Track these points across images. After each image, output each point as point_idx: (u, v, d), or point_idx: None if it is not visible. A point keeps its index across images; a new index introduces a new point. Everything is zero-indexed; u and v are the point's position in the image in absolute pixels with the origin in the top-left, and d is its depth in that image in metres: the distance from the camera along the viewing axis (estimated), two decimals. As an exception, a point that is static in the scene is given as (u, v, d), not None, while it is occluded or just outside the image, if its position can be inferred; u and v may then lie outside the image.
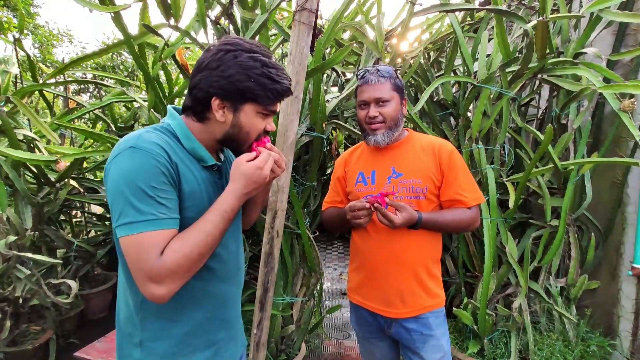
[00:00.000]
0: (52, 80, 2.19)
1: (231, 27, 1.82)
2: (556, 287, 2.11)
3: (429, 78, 2.33)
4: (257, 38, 1.62)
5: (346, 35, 2.61)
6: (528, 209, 2.36)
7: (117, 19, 1.61)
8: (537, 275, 2.17)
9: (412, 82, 2.43)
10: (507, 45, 1.71)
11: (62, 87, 2.39)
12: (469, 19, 2.28)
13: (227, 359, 1.01)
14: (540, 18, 1.49)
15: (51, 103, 2.68)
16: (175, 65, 1.87)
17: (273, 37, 2.20)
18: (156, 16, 2.03)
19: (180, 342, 0.90)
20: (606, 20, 1.85)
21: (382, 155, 1.41)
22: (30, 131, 2.10)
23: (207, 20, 1.77)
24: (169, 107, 0.96)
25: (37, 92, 2.52)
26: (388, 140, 1.36)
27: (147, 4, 1.68)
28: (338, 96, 2.02)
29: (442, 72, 2.38)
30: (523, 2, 2.14)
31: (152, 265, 0.72)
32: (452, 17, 1.80)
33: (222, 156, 1.02)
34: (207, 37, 1.79)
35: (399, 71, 2.44)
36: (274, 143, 1.51)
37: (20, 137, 2.14)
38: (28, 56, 2.27)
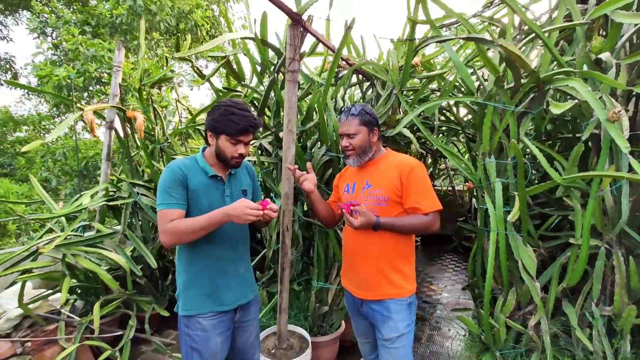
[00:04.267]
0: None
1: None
2: (601, 315, 1.87)
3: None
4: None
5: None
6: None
7: (210, 85, 2.54)
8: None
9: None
10: (491, 63, 1.76)
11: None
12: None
13: (224, 301, 1.61)
14: (501, 41, 1.57)
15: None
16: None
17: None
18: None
19: (193, 277, 1.58)
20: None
21: (362, 171, 1.80)
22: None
23: (265, 78, 2.53)
24: (202, 147, 1.71)
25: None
26: (358, 164, 1.75)
27: (229, 74, 2.56)
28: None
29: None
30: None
31: (163, 226, 1.44)
32: (447, 45, 1.96)
33: (230, 171, 1.66)
34: (264, 88, 2.54)
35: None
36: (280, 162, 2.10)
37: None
38: (189, 110, 3.61)
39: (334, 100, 2.54)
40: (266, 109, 2.51)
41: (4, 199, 6.59)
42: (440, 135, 4.01)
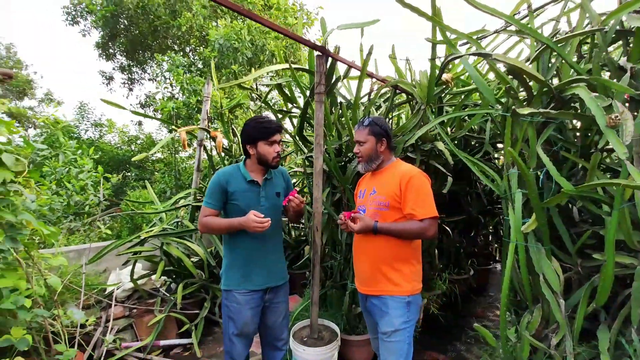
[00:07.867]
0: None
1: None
2: (642, 343, 1.66)
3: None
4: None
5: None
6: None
7: (268, 106, 3.04)
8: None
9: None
10: (500, 75, 1.78)
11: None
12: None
13: (255, 282, 1.99)
14: (497, 54, 1.63)
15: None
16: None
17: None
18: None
19: (232, 261, 2.02)
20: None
21: (373, 179, 2.04)
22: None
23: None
24: (243, 157, 2.17)
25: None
26: (366, 169, 2.00)
27: (284, 100, 3.03)
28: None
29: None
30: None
31: (200, 218, 1.93)
32: (464, 60, 2.03)
33: (266, 176, 2.08)
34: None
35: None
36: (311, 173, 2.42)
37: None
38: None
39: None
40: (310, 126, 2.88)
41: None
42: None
